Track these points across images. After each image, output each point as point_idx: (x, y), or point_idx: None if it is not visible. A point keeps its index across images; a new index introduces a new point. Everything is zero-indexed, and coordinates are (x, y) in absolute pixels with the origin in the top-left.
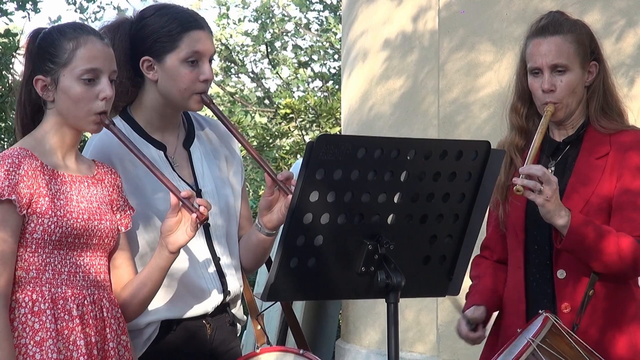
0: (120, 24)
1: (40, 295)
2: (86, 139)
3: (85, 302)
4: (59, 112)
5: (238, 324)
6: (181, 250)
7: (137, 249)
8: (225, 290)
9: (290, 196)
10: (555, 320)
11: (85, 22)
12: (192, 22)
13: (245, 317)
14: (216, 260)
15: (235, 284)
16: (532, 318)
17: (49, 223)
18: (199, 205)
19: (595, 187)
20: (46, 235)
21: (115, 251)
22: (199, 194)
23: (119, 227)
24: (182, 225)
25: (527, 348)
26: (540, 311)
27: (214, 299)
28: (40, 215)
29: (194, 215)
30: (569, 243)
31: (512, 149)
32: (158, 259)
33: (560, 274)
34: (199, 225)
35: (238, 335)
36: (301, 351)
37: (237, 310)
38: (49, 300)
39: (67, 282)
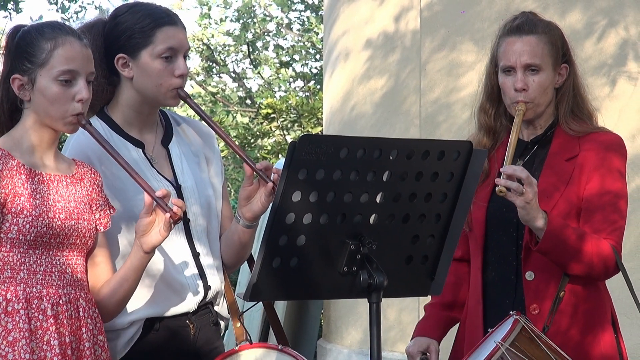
0: (93, 24)
1: (14, 295)
2: (64, 138)
3: (61, 301)
4: (35, 111)
5: (222, 323)
6: (161, 247)
7: (117, 250)
8: (205, 286)
9: (270, 184)
10: (525, 323)
11: (67, 22)
12: (165, 17)
13: (229, 314)
14: (196, 257)
15: (215, 280)
16: (498, 320)
17: (24, 223)
18: (173, 205)
19: (573, 185)
20: (21, 235)
21: (94, 250)
22: (179, 189)
23: (98, 227)
24: (156, 225)
25: (496, 351)
26: (510, 312)
27: (196, 295)
28: (15, 215)
29: (168, 214)
30: (547, 245)
31: None
32: (133, 259)
33: (529, 275)
34: (172, 225)
35: (221, 334)
36: (280, 346)
37: (221, 308)
38: (23, 300)
39: (43, 282)
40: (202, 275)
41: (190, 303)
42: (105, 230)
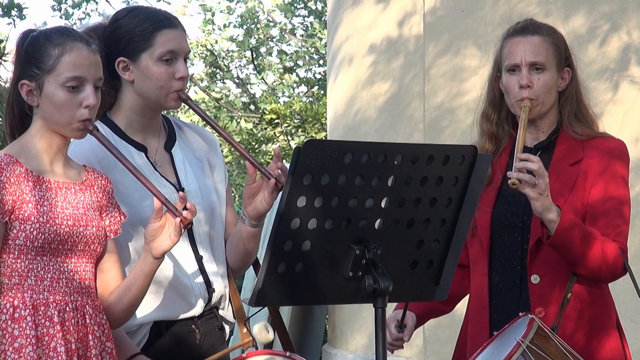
0: (93, 29)
1: (21, 301)
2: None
3: (67, 308)
4: (43, 117)
5: (226, 327)
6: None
7: (128, 257)
8: (209, 289)
9: (272, 180)
10: (540, 323)
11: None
12: (165, 20)
13: (234, 319)
14: (199, 261)
15: (219, 284)
16: (503, 323)
17: (32, 229)
18: (183, 209)
19: (577, 192)
20: (29, 242)
21: (103, 256)
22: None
23: (108, 233)
24: (166, 230)
25: (517, 349)
26: (520, 313)
27: (200, 299)
28: (23, 222)
29: (178, 219)
30: (558, 239)
31: None
32: (143, 265)
33: (534, 279)
34: (183, 230)
35: (226, 340)
36: (288, 353)
37: (226, 312)
38: (30, 307)
39: (50, 289)
40: (205, 279)
41: (196, 307)
42: (115, 236)
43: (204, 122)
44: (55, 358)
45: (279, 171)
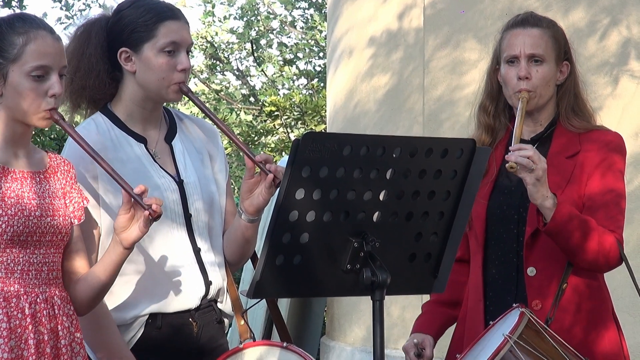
0: (96, 20)
1: None
2: (66, 137)
3: (38, 299)
4: (7, 106)
5: (225, 320)
6: (162, 243)
7: (93, 244)
8: (206, 281)
9: (270, 175)
10: (530, 316)
11: (71, 20)
12: (168, 12)
13: (232, 312)
14: (197, 253)
15: (217, 276)
16: (503, 312)
17: (0, 223)
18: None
19: (574, 184)
20: None
21: (70, 244)
22: (181, 185)
23: (72, 220)
24: (135, 221)
25: (505, 345)
26: (514, 304)
27: (197, 291)
28: None
29: (147, 212)
30: (555, 226)
31: None
32: (112, 254)
33: (531, 271)
34: (151, 222)
35: (225, 332)
36: (284, 344)
37: (224, 305)
38: (1, 299)
39: (20, 281)
40: (203, 271)
41: (192, 299)
42: (79, 223)
43: (204, 115)
44: (26, 350)
45: (274, 166)
